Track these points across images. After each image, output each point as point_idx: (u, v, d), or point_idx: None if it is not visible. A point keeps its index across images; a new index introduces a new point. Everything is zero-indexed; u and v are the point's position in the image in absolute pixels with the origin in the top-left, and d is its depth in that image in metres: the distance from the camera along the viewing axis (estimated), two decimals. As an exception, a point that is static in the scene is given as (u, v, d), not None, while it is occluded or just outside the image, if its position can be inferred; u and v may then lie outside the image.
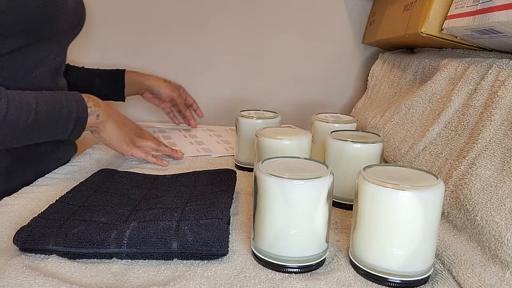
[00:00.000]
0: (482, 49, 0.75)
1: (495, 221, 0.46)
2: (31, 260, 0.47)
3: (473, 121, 0.61)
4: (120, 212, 0.55)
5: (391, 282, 0.44)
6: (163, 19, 1.24)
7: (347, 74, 1.28)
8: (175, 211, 0.55)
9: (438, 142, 0.67)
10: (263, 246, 0.48)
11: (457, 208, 0.53)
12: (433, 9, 0.76)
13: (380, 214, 0.44)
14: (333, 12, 1.24)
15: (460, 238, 0.51)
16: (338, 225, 0.58)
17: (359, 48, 1.26)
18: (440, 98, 0.73)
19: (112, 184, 0.65)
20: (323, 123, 0.78)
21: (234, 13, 1.24)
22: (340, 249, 0.52)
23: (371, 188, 0.44)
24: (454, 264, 0.46)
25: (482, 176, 0.52)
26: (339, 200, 0.64)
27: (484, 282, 0.42)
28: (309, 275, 0.46)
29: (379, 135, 0.66)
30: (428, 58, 0.84)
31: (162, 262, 0.48)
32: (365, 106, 1.10)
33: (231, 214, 0.59)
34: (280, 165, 0.49)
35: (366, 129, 0.94)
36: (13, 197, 0.63)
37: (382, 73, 1.10)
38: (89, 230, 0.49)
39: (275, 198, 0.45)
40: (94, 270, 0.46)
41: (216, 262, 0.48)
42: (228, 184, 0.65)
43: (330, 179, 0.46)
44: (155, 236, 0.48)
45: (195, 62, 1.27)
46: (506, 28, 0.57)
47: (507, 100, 0.56)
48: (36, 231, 0.48)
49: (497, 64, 0.61)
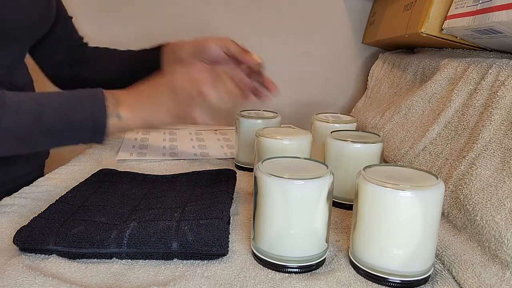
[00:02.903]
0: (482, 49, 0.75)
1: (495, 221, 0.46)
2: (31, 260, 0.47)
3: (473, 121, 0.61)
4: (120, 212, 0.55)
5: (391, 282, 0.44)
6: (163, 19, 1.24)
7: (347, 74, 1.28)
8: (175, 211, 0.55)
9: (438, 142, 0.67)
10: (263, 246, 0.48)
11: (457, 208, 0.53)
12: (433, 9, 0.76)
13: (380, 214, 0.44)
14: (333, 12, 1.24)
15: (460, 238, 0.51)
16: (338, 225, 0.58)
17: (359, 48, 1.26)
18: (440, 98, 0.73)
19: (112, 184, 0.65)
20: (323, 123, 0.78)
21: (234, 13, 1.24)
22: (340, 249, 0.52)
23: (371, 188, 0.44)
24: (454, 264, 0.46)
25: (482, 176, 0.52)
26: (339, 200, 0.64)
27: (484, 282, 0.42)
28: (309, 275, 0.46)
29: (379, 135, 0.66)
30: (428, 58, 0.84)
31: (162, 262, 0.48)
32: (365, 106, 1.10)
33: (231, 214, 0.59)
34: (280, 165, 0.49)
35: (366, 129, 0.94)
36: (13, 197, 0.63)
37: (382, 73, 1.10)
38: (89, 230, 0.49)
39: (275, 198, 0.45)
40: (94, 270, 0.46)
41: (216, 262, 0.48)
42: (228, 184, 0.65)
43: (330, 179, 0.46)
44: (155, 236, 0.48)
45: (195, 62, 1.26)
46: (506, 28, 0.57)
47: (507, 100, 0.56)
48: (36, 231, 0.48)
49: (497, 64, 0.61)
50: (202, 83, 0.58)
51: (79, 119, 0.55)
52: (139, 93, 0.60)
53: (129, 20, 1.25)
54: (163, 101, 0.59)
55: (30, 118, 0.54)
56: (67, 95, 0.58)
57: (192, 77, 0.59)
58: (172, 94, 0.59)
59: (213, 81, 0.59)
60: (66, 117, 0.55)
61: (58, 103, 0.56)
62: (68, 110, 0.55)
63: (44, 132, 0.55)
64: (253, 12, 1.24)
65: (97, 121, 0.56)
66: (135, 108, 0.58)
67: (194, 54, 0.79)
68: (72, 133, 0.56)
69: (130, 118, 0.58)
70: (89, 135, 0.57)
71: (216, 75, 0.60)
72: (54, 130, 0.55)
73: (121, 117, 0.57)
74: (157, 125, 0.59)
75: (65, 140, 0.57)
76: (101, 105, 0.56)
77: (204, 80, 0.58)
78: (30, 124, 0.54)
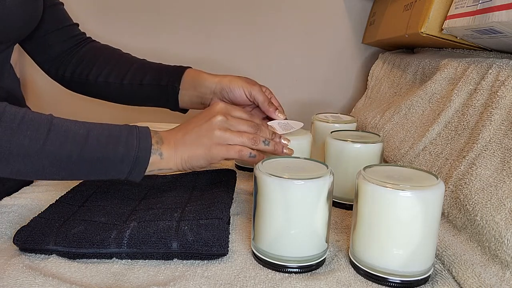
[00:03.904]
0: (482, 49, 0.75)
1: (495, 221, 0.46)
2: (31, 260, 0.47)
3: (473, 121, 0.61)
4: (120, 212, 0.55)
5: (391, 282, 0.44)
6: (163, 20, 1.24)
7: (347, 74, 1.28)
8: (175, 211, 0.55)
9: (438, 142, 0.67)
10: (263, 246, 0.48)
11: (457, 208, 0.53)
12: (433, 9, 0.76)
13: (380, 214, 0.44)
14: (333, 12, 1.24)
15: (460, 238, 0.51)
16: (338, 225, 0.58)
17: (359, 48, 1.26)
18: (440, 98, 0.73)
19: (112, 184, 0.65)
20: (323, 123, 0.78)
21: (234, 13, 1.24)
22: (340, 249, 0.52)
23: (371, 188, 0.44)
24: (454, 264, 0.46)
25: (482, 176, 0.52)
26: (339, 200, 0.64)
27: (484, 282, 0.42)
28: (309, 275, 0.46)
29: (379, 135, 0.66)
30: (428, 58, 0.84)
31: (162, 262, 0.48)
32: (365, 106, 1.10)
33: (231, 214, 0.59)
34: (280, 165, 0.49)
35: (366, 129, 0.93)
36: (13, 197, 0.63)
37: (382, 73, 1.10)
38: (89, 230, 0.49)
39: (275, 198, 0.45)
40: (94, 270, 0.46)
41: (216, 262, 0.48)
42: (228, 184, 0.65)
43: (330, 179, 0.46)
44: (155, 236, 0.48)
45: (195, 63, 1.26)
46: (506, 28, 0.57)
47: (507, 100, 0.56)
48: (36, 231, 0.48)
49: (497, 64, 0.61)
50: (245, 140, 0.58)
51: (121, 152, 0.53)
52: (181, 134, 0.59)
53: (129, 17, 1.25)
54: (199, 143, 0.58)
55: (74, 144, 0.52)
56: (112, 127, 0.56)
57: (234, 127, 0.59)
58: (212, 143, 0.58)
59: (253, 139, 0.59)
60: (108, 149, 0.53)
61: (100, 133, 0.54)
62: (110, 142, 0.53)
63: (81, 160, 0.52)
64: (253, 12, 1.24)
65: (139, 156, 0.54)
66: (177, 149, 0.58)
67: (218, 93, 0.75)
68: (110, 166, 0.54)
69: (170, 158, 0.57)
70: (128, 169, 0.54)
71: (257, 128, 0.60)
72: (93, 161, 0.53)
73: (163, 157, 0.57)
74: (193, 167, 0.59)
75: (99, 171, 0.54)
76: (147, 142, 0.55)
77: (246, 138, 0.59)
78: (71, 150, 0.51)
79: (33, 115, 0.52)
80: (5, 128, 0.49)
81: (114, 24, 1.24)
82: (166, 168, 0.57)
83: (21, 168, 0.50)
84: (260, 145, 0.59)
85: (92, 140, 0.53)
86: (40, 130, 0.50)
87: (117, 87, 0.81)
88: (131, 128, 0.56)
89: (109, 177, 0.55)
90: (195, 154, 0.58)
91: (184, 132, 0.59)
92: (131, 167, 0.54)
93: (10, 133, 0.49)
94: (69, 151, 0.51)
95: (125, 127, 0.56)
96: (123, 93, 0.82)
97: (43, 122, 0.51)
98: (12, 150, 0.49)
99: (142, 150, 0.55)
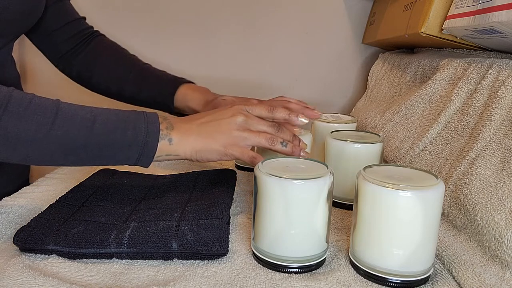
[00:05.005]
0: (482, 49, 0.75)
1: (495, 221, 0.46)
2: (31, 260, 0.47)
3: (473, 121, 0.61)
4: (120, 212, 0.55)
5: (391, 282, 0.44)
6: (164, 19, 1.24)
7: (347, 74, 1.28)
8: (175, 211, 0.55)
9: (438, 142, 0.67)
10: (263, 246, 0.48)
11: (457, 208, 0.53)
12: (433, 9, 0.76)
13: (380, 214, 0.44)
14: (333, 12, 1.24)
15: (460, 238, 0.51)
16: (338, 225, 0.58)
17: (359, 48, 1.26)
18: (440, 98, 0.73)
19: (112, 184, 0.65)
20: (323, 123, 0.78)
21: (235, 13, 1.24)
22: (340, 249, 0.52)
23: (371, 188, 0.44)
24: (454, 264, 0.46)
25: (482, 176, 0.52)
26: (339, 200, 0.64)
27: (484, 282, 0.42)
28: (309, 275, 0.46)
29: (379, 135, 0.66)
30: (428, 58, 0.84)
31: (162, 262, 0.48)
32: (365, 106, 1.10)
33: (231, 214, 0.59)
34: (280, 165, 0.49)
35: (366, 129, 0.93)
36: (13, 197, 0.63)
37: (382, 73, 1.10)
38: (89, 230, 0.49)
39: (275, 198, 0.45)
40: (94, 270, 0.46)
41: (216, 262, 0.48)
42: (228, 184, 0.65)
43: (330, 179, 0.46)
44: (155, 236, 0.48)
45: (195, 63, 1.27)
46: (506, 28, 0.57)
47: (507, 100, 0.56)
48: (36, 231, 0.48)
49: (497, 64, 0.61)
50: (261, 140, 0.58)
51: (129, 136, 0.53)
52: (196, 125, 0.59)
53: (131, 16, 1.25)
54: (216, 138, 0.58)
55: (81, 129, 0.51)
56: (119, 112, 0.55)
57: (254, 127, 0.59)
58: (228, 142, 0.58)
59: (270, 139, 0.58)
60: (116, 133, 0.52)
61: (107, 118, 0.53)
62: (118, 127, 0.53)
63: (89, 144, 0.52)
64: (253, 12, 1.24)
65: (148, 141, 0.54)
66: (187, 136, 0.57)
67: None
68: (118, 151, 0.53)
69: (180, 145, 0.56)
70: (137, 155, 0.54)
71: (277, 129, 0.60)
72: (101, 145, 0.52)
73: (172, 142, 0.56)
74: (202, 159, 0.58)
75: (107, 156, 0.53)
76: (155, 127, 0.55)
77: (263, 138, 0.58)
78: (78, 135, 0.51)
79: (40, 100, 0.51)
80: (12, 113, 0.48)
81: (118, 20, 1.24)
82: (174, 154, 0.57)
83: (29, 153, 0.50)
84: (277, 146, 0.58)
85: (99, 125, 0.52)
86: (47, 114, 0.50)
87: (118, 94, 0.86)
88: (139, 113, 0.56)
89: (118, 162, 0.55)
90: (209, 147, 0.57)
91: (200, 122, 0.59)
92: (140, 152, 0.54)
93: (17, 118, 0.48)
94: (76, 136, 0.51)
95: (132, 112, 0.56)
96: (124, 100, 0.87)
97: (50, 107, 0.51)
98: (20, 135, 0.48)
99: (150, 135, 0.54)
